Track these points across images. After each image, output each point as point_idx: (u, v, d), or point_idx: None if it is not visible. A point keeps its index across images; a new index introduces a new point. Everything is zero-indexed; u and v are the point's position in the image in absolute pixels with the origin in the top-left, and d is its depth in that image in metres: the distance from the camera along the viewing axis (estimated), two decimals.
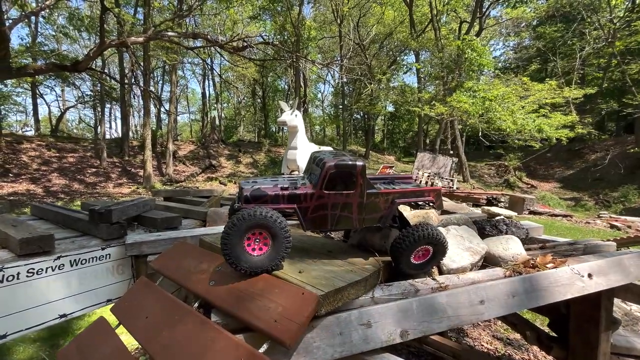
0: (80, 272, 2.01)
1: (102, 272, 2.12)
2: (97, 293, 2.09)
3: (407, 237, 1.74)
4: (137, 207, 2.57)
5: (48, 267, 1.87)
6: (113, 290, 2.16)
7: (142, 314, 1.61)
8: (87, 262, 2.04)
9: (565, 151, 30.45)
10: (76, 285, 1.99)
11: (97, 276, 2.09)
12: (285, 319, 1.24)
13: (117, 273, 2.20)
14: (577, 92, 21.92)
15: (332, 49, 33.12)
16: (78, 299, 2.00)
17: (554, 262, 2.06)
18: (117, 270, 2.19)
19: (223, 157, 26.24)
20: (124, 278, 2.23)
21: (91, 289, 2.06)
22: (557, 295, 1.90)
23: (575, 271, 2.00)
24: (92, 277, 2.07)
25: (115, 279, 2.18)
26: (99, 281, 2.10)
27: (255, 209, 1.50)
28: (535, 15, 30.18)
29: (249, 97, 35.35)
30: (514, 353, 4.71)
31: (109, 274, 2.15)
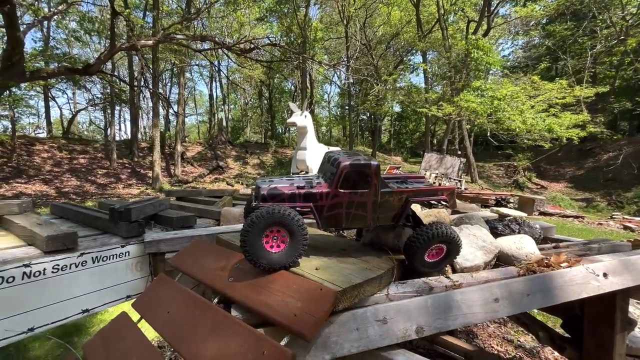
0: (101, 269, 2.07)
1: (122, 269, 2.18)
2: (117, 289, 2.15)
3: (421, 235, 1.77)
4: (154, 207, 2.63)
5: (72, 263, 1.94)
6: (132, 287, 2.23)
7: (164, 309, 1.66)
8: (108, 259, 2.11)
9: (576, 151, 29.93)
10: (98, 281, 2.06)
11: (117, 273, 2.16)
12: (305, 313, 1.28)
13: (136, 270, 2.26)
14: (588, 90, 21.56)
15: (339, 50, 33.16)
16: (100, 295, 2.06)
17: (569, 262, 2.05)
18: (135, 267, 2.26)
19: (230, 158, 26.46)
20: (142, 275, 2.29)
21: (112, 285, 2.13)
22: (572, 295, 1.90)
23: (590, 270, 1.99)
24: (113, 274, 2.13)
25: (134, 276, 2.24)
26: (119, 277, 2.16)
27: (273, 207, 1.55)
28: (545, 14, 29.75)
29: (256, 99, 35.60)
30: (524, 355, 4.67)
31: (128, 271, 2.22)
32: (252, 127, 38.76)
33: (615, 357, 2.57)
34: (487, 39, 22.20)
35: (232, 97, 35.76)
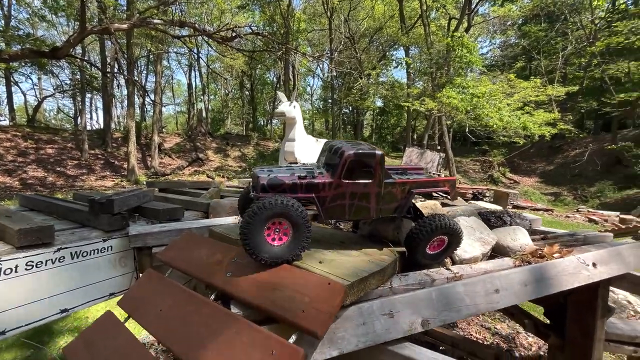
0: (81, 265, 1.91)
1: (104, 265, 2.03)
2: (99, 286, 2.00)
3: (424, 227, 1.74)
4: (138, 198, 2.46)
5: (48, 259, 1.77)
6: (116, 284, 2.07)
7: (155, 307, 1.55)
8: (88, 255, 1.94)
9: (546, 148, 31.40)
10: (78, 278, 1.89)
11: (99, 269, 2.00)
12: (314, 309, 1.21)
13: (120, 266, 2.10)
14: (560, 90, 22.58)
15: (322, 42, 32.86)
16: (80, 293, 1.90)
17: (560, 252, 2.11)
18: (119, 263, 2.10)
19: (210, 150, 25.77)
20: (126, 271, 2.14)
21: (93, 282, 1.97)
22: (565, 284, 1.95)
23: (581, 260, 2.05)
24: (94, 270, 1.97)
25: (118, 272, 2.09)
26: (101, 274, 2.01)
27: (276, 197, 1.46)
28: (521, 14, 30.77)
29: (237, 89, 34.73)
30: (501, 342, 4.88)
31: (111, 267, 2.06)
32: (232, 119, 37.85)
33: (596, 342, 2.70)
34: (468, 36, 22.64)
35: (212, 87, 34.69)
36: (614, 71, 25.36)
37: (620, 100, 23.35)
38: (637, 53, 23.85)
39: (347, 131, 40.35)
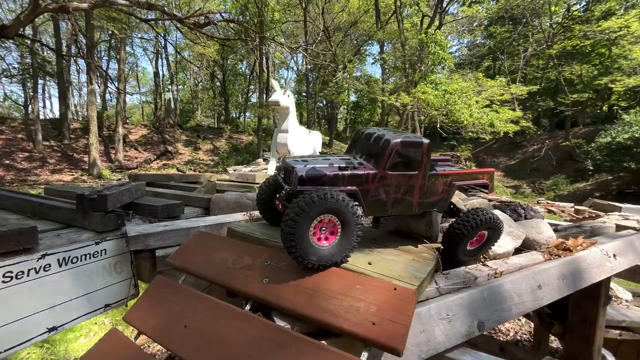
0: (71, 273, 1.60)
1: (98, 272, 1.72)
2: (92, 298, 1.69)
3: (467, 222, 1.63)
4: (131, 193, 2.14)
5: (30, 268, 1.45)
6: (111, 293, 1.77)
7: (176, 322, 1.30)
8: (79, 260, 1.63)
9: (508, 144, 33.34)
10: (67, 289, 1.58)
11: (92, 277, 1.69)
12: (386, 320, 1.05)
13: (115, 272, 1.80)
14: (522, 89, 23.94)
15: (296, 34, 32.27)
16: (70, 307, 1.59)
17: (584, 245, 2.10)
18: (114, 269, 1.80)
19: (180, 142, 24.50)
20: (122, 278, 1.84)
21: (85, 293, 1.66)
22: (594, 277, 1.95)
23: (604, 252, 2.06)
24: (86, 279, 1.66)
25: (113, 280, 1.79)
26: (94, 283, 1.70)
27: (324, 190, 1.27)
28: (487, 16, 32.17)
29: (208, 80, 33.20)
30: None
31: (106, 274, 1.75)
32: (203, 111, 36.20)
33: (598, 329, 2.78)
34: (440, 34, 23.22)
35: (181, 76, 32.89)
36: (568, 73, 27.30)
37: (573, 100, 25.23)
38: (588, 57, 25.87)
39: (322, 125, 40.19)
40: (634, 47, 20.62)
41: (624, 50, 21.61)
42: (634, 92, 23.12)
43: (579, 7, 28.30)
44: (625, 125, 16.76)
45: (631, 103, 23.91)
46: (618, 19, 21.31)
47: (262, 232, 1.66)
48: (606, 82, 22.06)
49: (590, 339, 2.78)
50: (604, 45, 24.03)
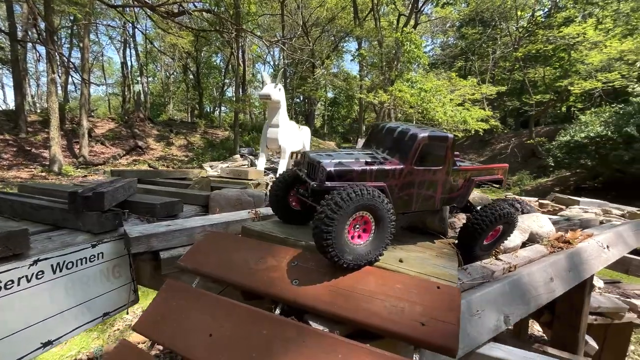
0: (66, 280, 1.43)
1: (95, 278, 1.55)
2: (90, 306, 1.52)
3: (486, 217, 1.64)
4: (125, 190, 1.95)
5: (22, 276, 1.27)
6: (110, 300, 1.61)
7: (199, 329, 1.19)
8: (74, 266, 1.46)
9: (478, 141, 34.89)
10: (62, 298, 1.41)
11: (89, 283, 1.52)
12: (435, 320, 1.01)
13: (113, 277, 1.64)
14: (492, 89, 25.08)
15: (273, 28, 31.69)
16: (66, 317, 1.42)
17: (582, 237, 2.20)
18: (112, 274, 1.64)
19: (151, 137, 23.32)
20: (121, 283, 1.68)
21: (82, 301, 1.49)
22: (594, 267, 2.04)
23: (600, 244, 2.17)
24: (83, 285, 1.50)
25: (112, 285, 1.63)
26: (91, 290, 1.53)
27: (359, 186, 1.21)
28: (459, 17, 33.33)
29: (180, 72, 31.79)
30: None
31: (103, 279, 1.59)
32: (175, 104, 34.65)
33: (584, 315, 2.95)
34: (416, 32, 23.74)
35: (151, 67, 31.21)
36: (532, 75, 28.94)
37: (536, 100, 26.78)
38: (550, 60, 27.57)
39: (300, 121, 39.94)
40: (590, 53, 22.18)
41: (582, 55, 23.20)
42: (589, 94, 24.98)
43: (542, 13, 30.03)
44: (582, 125, 18.02)
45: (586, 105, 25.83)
46: (577, 26, 22.83)
47: (281, 231, 1.58)
48: (565, 84, 23.60)
49: (576, 326, 2.95)
50: (563, 49, 25.71)
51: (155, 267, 1.75)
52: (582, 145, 17.04)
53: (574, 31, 22.87)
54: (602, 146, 15.85)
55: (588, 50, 22.85)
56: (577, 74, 23.47)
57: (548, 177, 24.05)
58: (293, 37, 26.12)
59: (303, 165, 1.56)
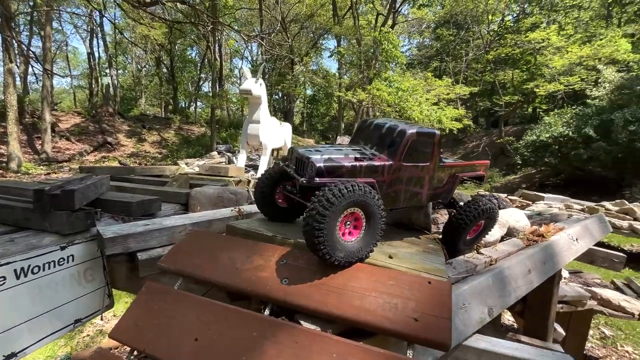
0: (32, 286, 1.30)
1: (64, 283, 1.43)
2: (59, 313, 1.40)
3: (470, 212, 1.68)
4: (96, 187, 1.82)
5: None
6: (82, 306, 1.50)
7: (184, 335, 1.13)
8: (41, 270, 1.34)
9: (452, 140, 36.11)
10: (27, 306, 1.29)
11: (57, 289, 1.40)
12: (428, 315, 1.02)
13: (85, 281, 1.52)
14: (465, 89, 26.02)
15: (251, 23, 31.08)
16: (32, 327, 1.30)
17: (554, 230, 2.32)
18: (84, 277, 1.52)
19: (121, 133, 22.22)
20: (94, 287, 1.56)
21: (50, 308, 1.37)
22: (566, 259, 2.15)
23: (570, 237, 2.29)
24: (51, 291, 1.38)
25: (84, 290, 1.51)
26: (60, 296, 1.41)
27: (350, 183, 1.19)
28: (435, 19, 34.24)
29: (153, 65, 30.43)
30: None
31: (74, 284, 1.47)
32: (148, 99, 33.16)
33: (553, 304, 3.12)
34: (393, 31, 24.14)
35: (121, 59, 29.64)
36: (502, 77, 30.30)
37: (505, 101, 28.08)
38: (518, 63, 28.98)
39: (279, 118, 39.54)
40: (553, 57, 23.53)
41: (546, 60, 24.57)
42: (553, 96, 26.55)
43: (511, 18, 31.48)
44: (546, 125, 19.11)
45: (550, 106, 27.44)
46: (542, 32, 24.14)
47: (268, 229, 1.53)
48: (532, 86, 24.89)
49: (546, 315, 3.11)
50: (530, 54, 27.13)
51: (131, 269, 1.65)
52: (546, 144, 18.06)
53: (540, 36, 24.16)
54: (564, 145, 16.88)
55: (552, 55, 24.23)
56: (542, 77, 24.82)
57: (516, 174, 25.28)
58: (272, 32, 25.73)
59: (291, 161, 1.52)
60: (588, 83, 20.32)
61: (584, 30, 25.19)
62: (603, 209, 7.96)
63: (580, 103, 18.73)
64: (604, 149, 14.70)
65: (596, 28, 25.12)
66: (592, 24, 26.16)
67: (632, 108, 14.33)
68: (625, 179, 15.17)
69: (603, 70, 17.83)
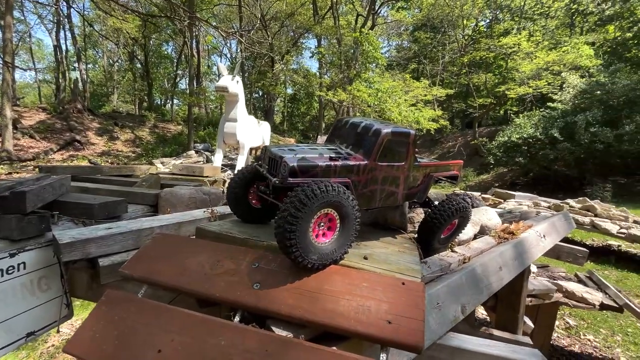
0: None
1: (14, 293, 1.31)
2: (8, 327, 1.28)
3: (444, 211, 1.70)
4: (54, 189, 1.68)
5: None
6: (35, 318, 1.38)
7: (147, 346, 1.06)
8: None
9: (429, 140, 37.08)
10: None
11: (6, 300, 1.28)
12: (401, 317, 1.00)
13: (39, 290, 1.40)
14: (442, 91, 26.77)
15: (230, 19, 30.49)
16: None
17: (523, 228, 2.40)
18: (38, 287, 1.40)
19: (92, 131, 21.13)
20: (50, 297, 1.44)
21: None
22: (534, 255, 2.23)
23: (538, 234, 2.38)
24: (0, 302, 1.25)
25: (37, 300, 1.39)
26: (9, 308, 1.29)
27: (324, 183, 1.16)
28: (413, 22, 35.00)
29: (126, 60, 29.14)
30: None
31: (26, 294, 1.35)
32: (121, 95, 31.73)
33: (522, 298, 3.24)
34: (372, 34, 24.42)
35: (91, 53, 28.18)
36: (476, 80, 31.43)
37: (479, 103, 29.15)
38: (491, 67, 30.18)
39: (259, 117, 39.04)
40: (523, 62, 24.68)
41: (516, 64, 25.73)
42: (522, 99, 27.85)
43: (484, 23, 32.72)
44: (516, 127, 20.01)
45: (520, 108, 28.77)
46: (513, 37, 25.25)
47: (241, 231, 1.47)
48: (503, 89, 25.98)
49: (516, 307, 3.23)
50: (502, 58, 28.31)
51: (93, 276, 1.54)
52: (516, 145, 18.90)
53: (511, 41, 25.26)
54: (532, 146, 17.73)
55: (521, 60, 25.40)
56: (512, 80, 25.96)
57: (489, 173, 26.28)
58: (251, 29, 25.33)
59: (264, 161, 1.47)
60: (554, 87, 21.46)
61: (551, 38, 26.61)
62: (567, 206, 8.42)
63: (547, 106, 19.75)
64: (568, 150, 15.56)
65: (561, 36, 26.62)
66: (557, 32, 27.68)
67: (593, 111, 15.26)
68: (587, 178, 16.16)
69: (567, 75, 18.89)
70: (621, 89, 14.80)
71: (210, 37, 29.66)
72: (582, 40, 22.39)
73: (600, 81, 16.13)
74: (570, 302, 4.16)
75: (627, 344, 5.12)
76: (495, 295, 3.39)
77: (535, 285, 3.90)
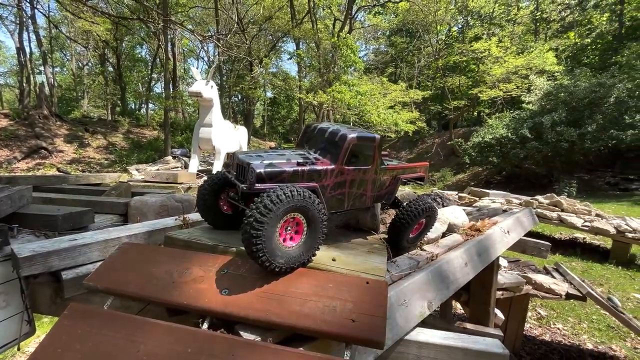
0: None
1: None
2: None
3: (410, 211, 1.77)
4: (12, 201, 1.61)
5: None
6: None
7: (110, 359, 1.04)
8: None
9: (408, 141, 37.92)
10: None
11: None
12: (365, 315, 1.05)
13: None
14: (419, 94, 27.51)
15: (207, 22, 30.07)
16: None
17: (489, 225, 2.52)
18: None
19: (60, 137, 20.17)
20: (10, 313, 1.38)
21: None
22: (498, 251, 2.35)
23: (503, 230, 2.51)
24: None
25: None
26: None
27: (289, 188, 1.19)
28: (389, 27, 35.84)
29: (97, 63, 28.04)
30: None
31: None
32: (92, 99, 30.46)
33: (492, 292, 3.39)
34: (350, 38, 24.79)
35: (58, 56, 26.91)
36: (451, 83, 32.53)
37: (454, 105, 30.19)
38: (464, 71, 31.36)
39: (238, 120, 38.58)
40: (493, 66, 25.81)
41: (487, 68, 26.86)
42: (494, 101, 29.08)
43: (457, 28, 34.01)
44: (489, 127, 20.87)
45: (492, 110, 30.01)
46: (484, 43, 26.39)
47: (211, 238, 1.47)
48: (476, 92, 27.03)
49: (487, 301, 3.37)
50: (474, 62, 29.51)
51: (57, 290, 1.49)
52: (490, 145, 19.70)
53: (482, 46, 26.37)
54: (504, 146, 18.54)
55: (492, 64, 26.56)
56: (484, 83, 27.06)
57: (465, 173, 27.18)
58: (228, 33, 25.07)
59: (232, 167, 1.48)
60: (522, 90, 22.57)
61: (518, 43, 28.01)
62: (537, 202, 8.87)
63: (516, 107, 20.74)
64: (536, 148, 16.39)
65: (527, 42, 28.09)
66: (524, 38, 29.19)
67: (558, 112, 16.17)
68: (554, 175, 17.07)
69: (534, 79, 19.94)
70: (582, 91, 15.79)
71: (186, 40, 29.14)
72: (547, 47, 23.70)
73: (563, 84, 17.15)
74: (539, 293, 4.38)
75: (593, 330, 5.43)
76: (468, 290, 3.53)
77: (506, 279, 4.07)
